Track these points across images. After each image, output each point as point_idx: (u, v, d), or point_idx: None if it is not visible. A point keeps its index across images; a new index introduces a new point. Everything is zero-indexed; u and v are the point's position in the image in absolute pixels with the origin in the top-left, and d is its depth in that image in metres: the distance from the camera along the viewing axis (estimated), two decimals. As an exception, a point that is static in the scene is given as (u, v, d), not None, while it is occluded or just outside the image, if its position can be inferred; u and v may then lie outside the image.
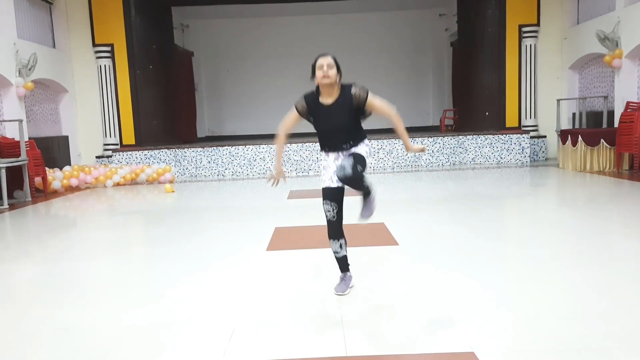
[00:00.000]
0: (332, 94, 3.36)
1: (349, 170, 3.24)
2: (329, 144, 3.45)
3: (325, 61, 3.30)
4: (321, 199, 3.57)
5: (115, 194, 9.76)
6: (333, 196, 3.46)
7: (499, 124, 12.78)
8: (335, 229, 3.51)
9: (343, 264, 3.64)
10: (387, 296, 3.46)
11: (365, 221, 3.62)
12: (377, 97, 3.38)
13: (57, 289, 4.04)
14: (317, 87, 3.39)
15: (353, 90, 3.34)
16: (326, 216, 3.50)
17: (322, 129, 3.42)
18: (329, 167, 3.47)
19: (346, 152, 3.42)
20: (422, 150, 3.59)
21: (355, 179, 3.30)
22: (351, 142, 3.41)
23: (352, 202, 3.71)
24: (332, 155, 3.47)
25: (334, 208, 3.46)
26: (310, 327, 3.01)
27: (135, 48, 12.66)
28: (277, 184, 3.58)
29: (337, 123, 3.36)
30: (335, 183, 3.44)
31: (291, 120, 3.49)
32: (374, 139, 12.08)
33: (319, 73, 3.30)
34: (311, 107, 3.41)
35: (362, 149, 3.44)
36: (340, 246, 3.56)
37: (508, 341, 2.71)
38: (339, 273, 3.69)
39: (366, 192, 3.51)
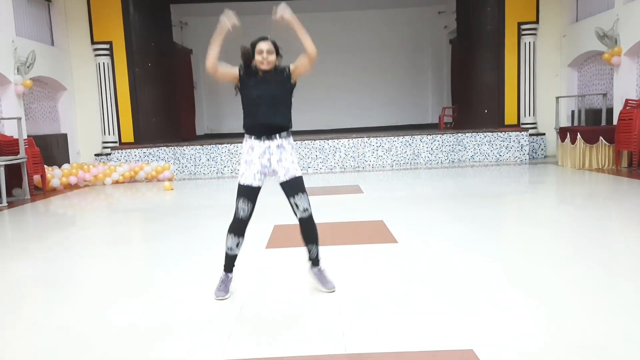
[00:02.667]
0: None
1: (309, 209, 3.41)
2: (256, 121, 3.37)
3: (264, 46, 3.34)
4: (319, 196, 3.57)
5: (114, 192, 9.76)
6: (253, 196, 3.42)
7: (498, 122, 12.78)
8: (242, 226, 3.45)
9: (231, 263, 3.53)
10: (386, 294, 3.47)
11: (333, 290, 3.51)
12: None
13: (55, 286, 4.04)
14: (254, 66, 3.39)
15: (282, 66, 3.42)
16: (238, 213, 3.41)
17: (255, 96, 3.35)
18: (253, 162, 3.39)
19: (276, 149, 3.37)
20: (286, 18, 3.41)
21: (312, 221, 3.46)
22: (281, 123, 3.37)
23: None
24: (258, 146, 3.38)
25: (250, 208, 3.43)
26: (309, 324, 3.01)
27: (134, 46, 12.64)
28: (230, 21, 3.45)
29: (271, 90, 3.34)
30: (257, 182, 3.40)
31: (229, 70, 3.45)
32: (372, 137, 12.10)
33: (258, 57, 3.33)
34: (245, 73, 3.40)
35: (295, 159, 3.42)
36: (238, 244, 3.48)
37: (507, 338, 2.72)
38: (222, 273, 3.56)
39: (315, 257, 3.53)
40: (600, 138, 9.97)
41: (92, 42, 12.65)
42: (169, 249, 5.08)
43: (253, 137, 3.41)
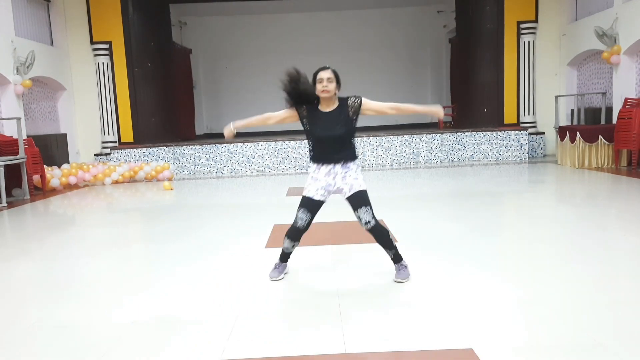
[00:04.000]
0: (330, 105, 3.54)
1: (372, 222, 3.51)
2: (323, 155, 3.55)
3: (325, 75, 3.47)
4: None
5: (113, 192, 9.76)
6: (312, 208, 3.59)
7: (497, 121, 12.79)
8: (298, 234, 3.67)
9: (286, 257, 3.87)
10: (386, 293, 3.47)
11: (402, 281, 3.69)
12: (371, 101, 3.58)
13: (55, 286, 4.04)
14: (317, 97, 3.54)
15: (349, 101, 3.54)
16: (296, 222, 3.61)
17: (319, 136, 3.52)
18: (318, 179, 3.57)
19: (340, 168, 3.54)
20: (437, 113, 3.64)
21: (378, 230, 3.57)
22: (345, 156, 3.54)
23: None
24: (324, 168, 3.56)
25: (308, 218, 3.60)
26: (309, 323, 3.01)
27: (133, 45, 12.64)
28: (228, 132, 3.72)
29: (335, 130, 3.48)
30: (319, 197, 3.57)
31: (285, 115, 3.63)
32: (372, 136, 12.10)
33: (319, 86, 3.48)
34: (309, 112, 3.54)
35: (359, 176, 3.58)
36: (293, 246, 3.76)
37: (507, 338, 2.72)
38: (277, 260, 3.90)
39: (396, 255, 3.70)
40: (600, 137, 9.97)
41: (92, 42, 12.65)
42: (168, 248, 5.08)
43: (317, 163, 3.60)
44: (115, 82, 12.72)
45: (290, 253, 3.83)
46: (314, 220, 3.66)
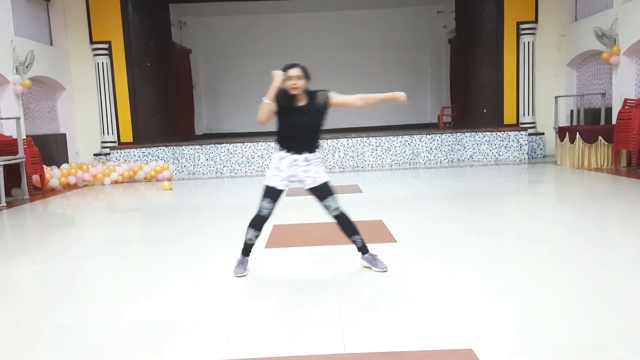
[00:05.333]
0: (301, 100, 3.75)
1: (339, 208, 3.81)
2: (292, 144, 3.76)
3: (294, 72, 3.68)
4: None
5: (113, 192, 9.75)
6: (276, 197, 3.83)
7: (497, 121, 12.79)
8: (262, 223, 3.89)
9: (249, 249, 4.01)
10: (385, 293, 3.47)
11: (386, 270, 3.88)
12: (338, 94, 3.84)
13: (55, 286, 4.03)
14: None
15: (318, 95, 3.77)
16: (261, 211, 3.82)
17: (292, 126, 3.75)
18: (282, 170, 3.80)
19: (303, 162, 3.77)
20: (398, 97, 3.89)
21: (345, 216, 3.85)
22: (310, 148, 3.80)
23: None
24: (287, 160, 3.78)
25: (273, 207, 3.84)
26: (308, 324, 3.01)
27: (133, 45, 12.63)
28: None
29: (308, 123, 3.75)
30: (282, 187, 3.81)
31: (270, 111, 3.75)
32: (371, 136, 12.10)
33: (289, 83, 3.68)
34: (285, 102, 3.72)
35: (320, 169, 3.84)
36: (257, 237, 3.95)
37: (506, 338, 2.72)
38: (237, 256, 4.05)
39: (363, 244, 3.94)
40: (599, 137, 9.97)
41: (91, 42, 12.64)
42: (167, 248, 5.07)
43: (285, 150, 3.80)
44: (114, 82, 12.71)
45: (252, 245, 3.98)
46: (315, 220, 3.69)
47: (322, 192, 3.82)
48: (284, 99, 3.72)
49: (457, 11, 14.11)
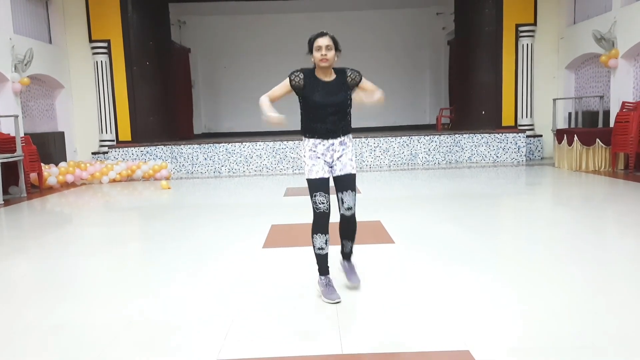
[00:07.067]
0: (328, 75, 3.35)
1: (353, 208, 3.38)
2: (321, 127, 3.31)
3: (324, 42, 3.24)
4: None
5: (111, 191, 9.74)
6: (326, 187, 3.32)
7: (495, 123, 12.81)
8: (325, 222, 3.33)
9: (325, 264, 3.41)
10: (382, 294, 3.47)
11: (357, 286, 3.55)
12: (367, 80, 3.44)
13: (53, 285, 4.03)
14: (314, 65, 3.35)
15: (349, 73, 3.38)
16: (318, 209, 3.31)
17: (319, 104, 3.28)
18: (319, 157, 3.35)
19: (339, 145, 3.36)
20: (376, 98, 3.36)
21: (354, 220, 3.44)
22: (343, 129, 3.36)
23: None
24: (322, 144, 3.34)
25: (328, 199, 3.32)
26: (306, 324, 3.02)
27: (132, 44, 12.62)
28: (277, 121, 3.24)
29: (336, 99, 3.29)
30: (327, 173, 3.35)
31: (281, 93, 3.38)
32: (370, 137, 12.11)
33: (317, 55, 3.26)
34: (308, 82, 3.31)
35: (353, 157, 3.43)
36: (326, 242, 3.39)
37: (503, 339, 2.73)
38: (316, 277, 3.47)
39: (349, 252, 3.60)
40: (597, 140, 10.00)
41: (90, 40, 12.62)
42: (165, 248, 5.07)
43: (316, 136, 3.36)
44: (113, 80, 12.69)
45: (326, 255, 3.39)
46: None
47: (346, 183, 3.36)
48: (309, 77, 3.31)
49: (457, 13, 14.12)
